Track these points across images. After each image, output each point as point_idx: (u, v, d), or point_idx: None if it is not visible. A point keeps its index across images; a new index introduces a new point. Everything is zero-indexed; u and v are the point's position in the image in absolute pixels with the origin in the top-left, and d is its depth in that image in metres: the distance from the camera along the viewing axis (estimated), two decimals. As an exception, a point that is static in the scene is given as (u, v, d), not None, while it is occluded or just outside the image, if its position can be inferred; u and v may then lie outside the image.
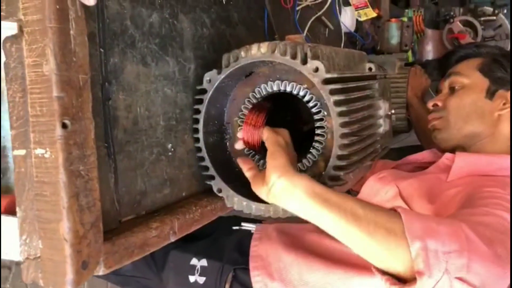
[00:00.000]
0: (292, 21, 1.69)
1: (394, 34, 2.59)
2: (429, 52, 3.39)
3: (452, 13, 3.33)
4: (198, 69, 1.14)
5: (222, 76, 1.07)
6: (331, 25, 2.02)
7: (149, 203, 0.98)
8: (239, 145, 1.07)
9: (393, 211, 0.82)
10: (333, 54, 1.12)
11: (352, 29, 2.22)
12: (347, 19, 2.18)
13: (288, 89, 1.11)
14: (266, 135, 1.00)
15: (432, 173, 1.40)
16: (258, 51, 1.04)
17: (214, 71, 1.09)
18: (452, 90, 1.40)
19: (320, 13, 1.91)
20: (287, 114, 1.39)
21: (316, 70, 0.98)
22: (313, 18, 1.85)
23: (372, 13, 2.42)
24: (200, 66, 1.15)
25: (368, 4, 2.41)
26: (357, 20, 2.28)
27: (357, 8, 2.32)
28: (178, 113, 1.08)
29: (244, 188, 1.14)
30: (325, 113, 1.08)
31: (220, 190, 1.12)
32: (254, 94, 1.15)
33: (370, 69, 1.35)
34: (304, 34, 1.74)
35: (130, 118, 0.93)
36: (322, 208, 0.80)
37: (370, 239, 0.75)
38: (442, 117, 1.39)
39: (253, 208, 1.08)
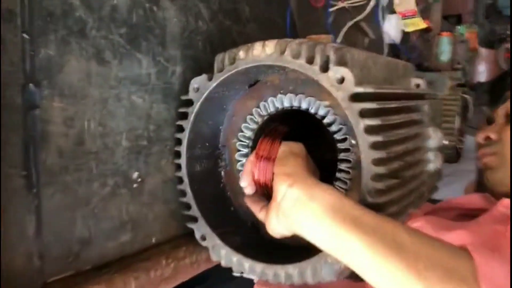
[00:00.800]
0: (323, 24, 1.40)
1: (445, 50, 2.26)
2: (482, 73, 3.03)
3: (508, 32, 2.98)
4: (186, 73, 0.86)
5: (214, 83, 0.79)
6: (371, 33, 1.71)
7: (94, 255, 0.70)
8: (249, 189, 0.77)
9: (457, 247, 0.61)
10: (368, 62, 0.81)
11: (397, 40, 1.90)
12: (392, 28, 1.85)
13: (304, 105, 0.81)
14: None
15: (486, 223, 1.07)
16: (263, 51, 0.75)
17: (204, 76, 0.80)
18: (509, 119, 1.07)
19: (360, 18, 1.60)
20: (307, 140, 1.09)
21: (341, 81, 0.68)
22: (350, 23, 1.55)
23: (421, 24, 2.09)
24: (190, 70, 0.87)
25: (417, 13, 2.08)
26: (403, 30, 1.96)
27: (404, 17, 2.00)
28: (153, 131, 0.80)
29: (237, 237, 0.84)
30: (353, 141, 0.77)
31: (204, 238, 0.83)
32: (259, 111, 0.86)
33: (417, 85, 1.04)
34: (338, 40, 1.44)
35: (71, 135, 0.66)
36: (349, 229, 0.59)
37: (418, 280, 0.54)
38: (496, 153, 1.07)
39: (246, 267, 0.79)
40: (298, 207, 0.63)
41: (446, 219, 1.18)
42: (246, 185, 0.76)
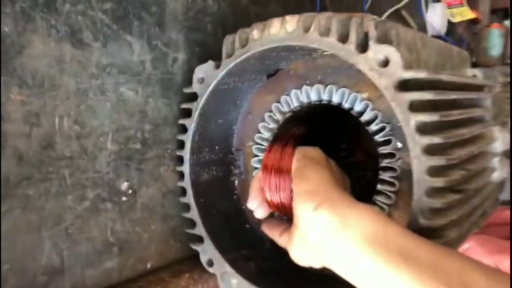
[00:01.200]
0: (358, 10, 1.23)
1: (495, 43, 2.03)
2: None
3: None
4: (192, 61, 0.71)
5: (222, 72, 0.63)
6: (413, 23, 1.53)
7: (67, 286, 0.55)
8: (260, 212, 0.61)
9: None
10: (417, 43, 0.64)
11: (442, 31, 1.70)
12: (436, 18, 1.66)
13: (335, 99, 0.65)
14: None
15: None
16: (282, 28, 0.59)
17: (210, 64, 0.65)
18: None
19: (400, 5, 1.42)
20: (338, 143, 0.92)
21: (385, 63, 0.52)
22: (389, 11, 1.38)
23: (469, 14, 1.88)
24: (196, 58, 0.71)
25: (465, 2, 1.88)
26: (448, 21, 1.76)
27: (450, 6, 1.80)
28: (149, 131, 0.65)
29: (252, 262, 0.69)
30: (399, 144, 0.60)
31: (211, 263, 0.67)
32: (280, 107, 0.70)
33: (474, 76, 0.86)
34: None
35: (35, 136, 0.52)
36: (397, 267, 0.44)
37: None
38: None
39: (261, 301, 0.63)
40: (327, 238, 0.47)
41: (501, 238, 0.98)
42: (256, 207, 0.60)
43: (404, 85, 0.51)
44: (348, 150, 0.99)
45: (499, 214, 1.04)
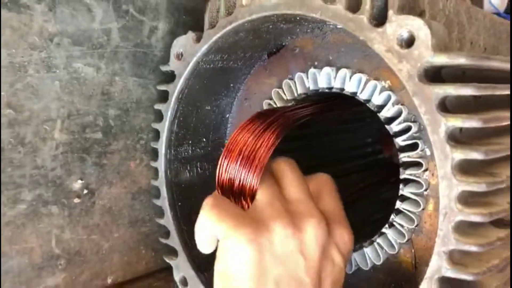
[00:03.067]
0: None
1: None
2: None
3: None
4: (177, 32, 0.57)
5: (204, 47, 0.50)
6: (469, -2, 1.31)
7: (-9, 310, 0.45)
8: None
9: None
10: (462, 17, 0.48)
11: (501, 9, 1.48)
12: (496, -8, 1.44)
13: (349, 87, 0.50)
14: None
15: None
16: (277, -7, 0.44)
17: (189, 36, 0.51)
18: None
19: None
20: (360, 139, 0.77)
21: (409, 42, 0.37)
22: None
23: (536, -11, 1.64)
24: (182, 27, 0.58)
25: (531, -25, 1.64)
26: (510, -3, 1.54)
27: (513, -21, 1.57)
28: (115, 117, 0.53)
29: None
30: (428, 151, 0.45)
31: (185, 282, 0.55)
32: (281, 93, 0.55)
33: None
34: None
35: None
36: None
37: None
38: None
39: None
40: None
41: None
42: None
43: (434, 74, 0.36)
44: (376, 144, 0.84)
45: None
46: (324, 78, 0.52)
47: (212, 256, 0.54)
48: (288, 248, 0.40)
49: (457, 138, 0.36)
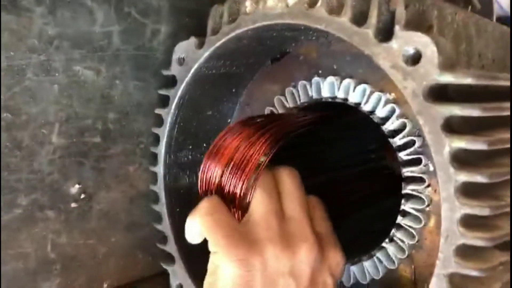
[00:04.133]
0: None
1: None
2: None
3: None
4: (179, 36, 0.56)
5: (206, 53, 0.49)
6: (477, 1, 1.30)
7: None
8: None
9: None
10: (471, 30, 0.47)
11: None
12: (506, -5, 1.42)
13: (353, 98, 0.49)
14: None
15: None
16: (281, 1, 0.43)
17: (191, 41, 0.50)
18: None
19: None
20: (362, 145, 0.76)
21: (416, 59, 0.35)
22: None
23: (547, -8, 1.62)
24: (185, 31, 0.57)
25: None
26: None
27: (524, -18, 1.55)
28: (114, 121, 0.52)
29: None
30: (430, 166, 0.44)
31: (181, 289, 0.55)
32: (284, 101, 0.54)
33: None
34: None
35: None
36: None
37: None
38: None
39: None
40: None
41: None
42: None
43: (440, 92, 0.35)
44: (380, 150, 0.83)
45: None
46: (328, 88, 0.51)
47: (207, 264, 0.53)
48: (279, 270, 0.39)
49: (461, 159, 0.35)
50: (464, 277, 0.35)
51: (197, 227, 0.43)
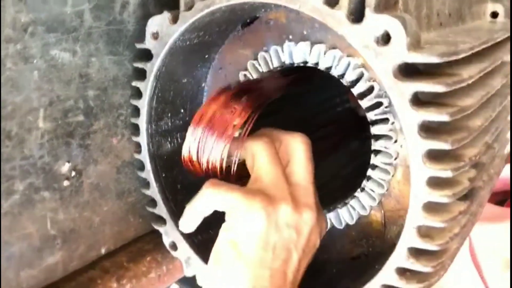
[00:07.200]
0: None
1: None
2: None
3: None
4: (149, 4, 0.57)
5: (181, 27, 0.50)
6: None
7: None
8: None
9: None
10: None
11: None
12: None
13: (323, 63, 0.52)
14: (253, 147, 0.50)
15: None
16: (254, -21, 0.44)
17: (165, 16, 0.51)
18: None
19: None
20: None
21: (386, 39, 0.39)
22: None
23: None
24: (155, 4, 0.57)
25: None
26: None
27: None
28: (94, 97, 0.54)
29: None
30: (398, 125, 0.49)
31: (174, 247, 0.59)
32: (256, 64, 0.57)
33: (494, 15, 0.73)
34: None
35: None
36: None
37: None
38: None
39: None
40: None
41: (494, 204, 0.92)
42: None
43: (410, 69, 0.39)
44: (343, 95, 0.87)
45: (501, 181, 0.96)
46: (299, 53, 0.53)
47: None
48: (287, 222, 0.46)
49: (428, 130, 0.39)
50: (430, 229, 0.42)
51: (211, 202, 0.47)
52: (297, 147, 0.50)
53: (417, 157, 0.40)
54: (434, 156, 0.40)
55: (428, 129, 0.39)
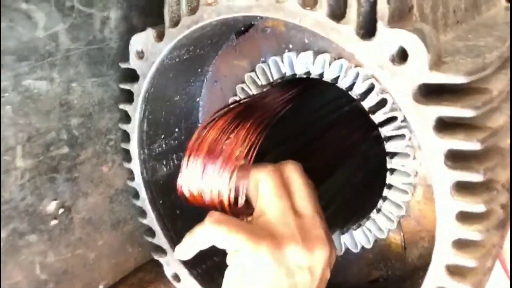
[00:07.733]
0: None
1: None
2: None
3: None
4: (131, 18, 0.51)
5: (168, 46, 0.45)
6: None
7: None
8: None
9: None
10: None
11: None
12: None
13: (329, 74, 0.46)
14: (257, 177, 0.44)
15: None
16: (247, -10, 0.39)
17: (150, 33, 0.46)
18: None
19: None
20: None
21: (403, 57, 0.33)
22: None
23: None
24: (137, 13, 0.52)
25: None
26: None
27: None
28: (79, 126, 0.49)
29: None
30: (414, 141, 0.44)
31: (177, 277, 0.55)
32: (254, 77, 0.52)
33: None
34: None
35: None
36: None
37: None
38: None
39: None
40: None
41: None
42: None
43: (430, 88, 0.34)
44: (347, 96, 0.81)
45: None
46: (302, 63, 0.48)
47: (202, 251, 0.53)
48: (299, 264, 0.41)
49: (457, 160, 0.34)
50: (461, 266, 0.37)
51: (210, 235, 0.42)
52: (291, 176, 0.45)
53: (444, 189, 0.35)
54: (463, 186, 0.35)
55: (456, 157, 0.34)
